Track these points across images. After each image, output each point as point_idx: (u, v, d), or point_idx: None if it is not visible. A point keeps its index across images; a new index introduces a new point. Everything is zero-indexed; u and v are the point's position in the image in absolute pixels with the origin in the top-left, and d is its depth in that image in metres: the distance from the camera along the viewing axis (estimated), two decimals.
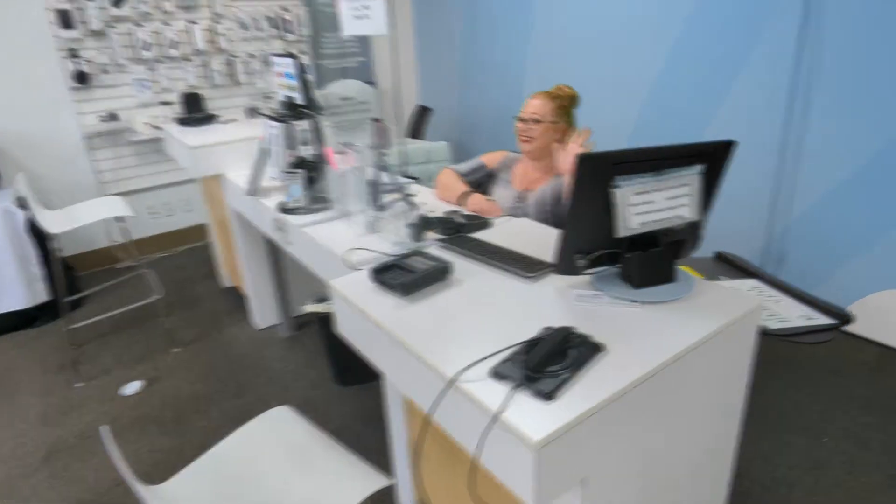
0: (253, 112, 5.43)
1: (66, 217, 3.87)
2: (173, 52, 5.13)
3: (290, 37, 5.76)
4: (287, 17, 5.71)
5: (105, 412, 3.45)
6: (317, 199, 3.01)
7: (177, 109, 5.14)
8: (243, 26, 5.45)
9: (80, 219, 3.81)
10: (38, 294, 4.38)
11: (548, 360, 1.51)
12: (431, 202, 2.87)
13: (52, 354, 4.07)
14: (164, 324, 4.34)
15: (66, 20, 4.73)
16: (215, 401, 3.50)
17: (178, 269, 5.26)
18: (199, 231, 5.75)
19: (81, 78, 4.85)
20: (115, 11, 4.85)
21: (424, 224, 2.42)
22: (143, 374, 3.77)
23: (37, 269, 4.35)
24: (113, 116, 5.02)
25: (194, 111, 4.97)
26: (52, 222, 3.71)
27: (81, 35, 4.82)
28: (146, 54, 5.03)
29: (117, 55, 4.95)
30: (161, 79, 5.15)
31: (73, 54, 4.81)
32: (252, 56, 5.54)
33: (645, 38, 4.47)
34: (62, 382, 3.75)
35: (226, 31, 5.35)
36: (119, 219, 4.06)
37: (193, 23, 5.19)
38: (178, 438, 3.20)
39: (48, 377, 3.82)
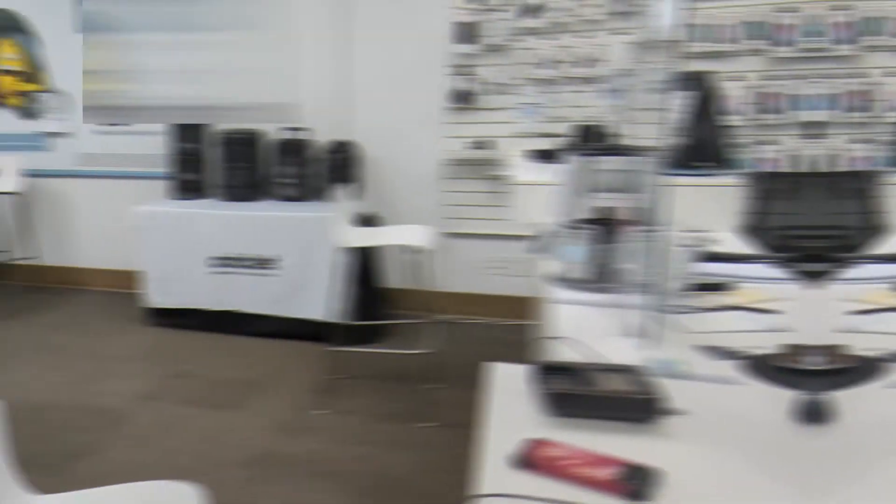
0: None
1: (368, 235, 3.74)
2: (583, 73, 4.24)
3: (782, 51, 3.77)
4: (787, 20, 3.75)
5: (318, 452, 3.26)
6: (604, 274, 2.03)
7: (565, 143, 3.94)
8: (706, 35, 3.93)
9: (377, 239, 3.67)
10: (335, 312, 4.15)
11: None
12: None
13: (316, 375, 4.02)
14: (429, 391, 3.79)
15: (465, 34, 4.42)
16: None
17: (480, 342, 4.48)
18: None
19: (460, 98, 4.51)
20: (524, 23, 4.32)
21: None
22: (373, 435, 3.39)
23: (344, 287, 4.09)
24: (480, 144, 4.54)
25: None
26: (349, 237, 3.59)
27: (477, 51, 4.43)
28: (546, 73, 4.32)
29: (510, 74, 4.40)
30: (556, 104, 4.34)
31: (462, 72, 4.49)
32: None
33: None
34: (307, 403, 3.72)
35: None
36: (414, 250, 3.67)
37: (623, 34, 4.13)
38: None
39: (300, 394, 3.82)
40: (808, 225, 1.41)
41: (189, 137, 4.75)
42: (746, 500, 1.03)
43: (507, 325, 4.79)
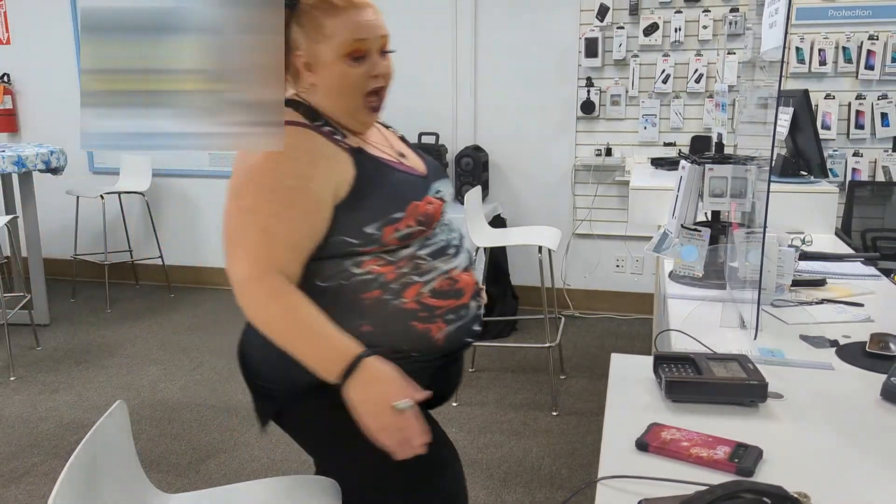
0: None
1: (499, 235, 3.79)
2: (695, 88, 4.53)
3: (869, 74, 4.33)
4: (872, 47, 4.29)
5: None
6: (715, 271, 2.20)
7: (681, 151, 4.32)
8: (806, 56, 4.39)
9: (507, 239, 3.68)
10: None
11: None
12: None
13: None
14: (556, 382, 3.91)
15: (591, 48, 4.63)
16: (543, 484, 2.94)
17: (602, 336, 4.60)
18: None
19: (588, 108, 4.71)
20: (642, 40, 4.55)
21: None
22: (503, 424, 3.45)
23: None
24: (608, 151, 4.75)
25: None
26: (481, 236, 3.65)
27: (601, 64, 4.65)
28: (662, 87, 4.58)
29: (632, 87, 4.64)
30: (673, 116, 4.62)
31: (589, 83, 4.70)
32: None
33: None
34: None
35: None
36: (542, 249, 3.68)
37: (731, 53, 4.47)
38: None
39: None
40: (893, 228, 1.53)
41: None
42: (840, 474, 1.10)
43: (627, 320, 4.93)
